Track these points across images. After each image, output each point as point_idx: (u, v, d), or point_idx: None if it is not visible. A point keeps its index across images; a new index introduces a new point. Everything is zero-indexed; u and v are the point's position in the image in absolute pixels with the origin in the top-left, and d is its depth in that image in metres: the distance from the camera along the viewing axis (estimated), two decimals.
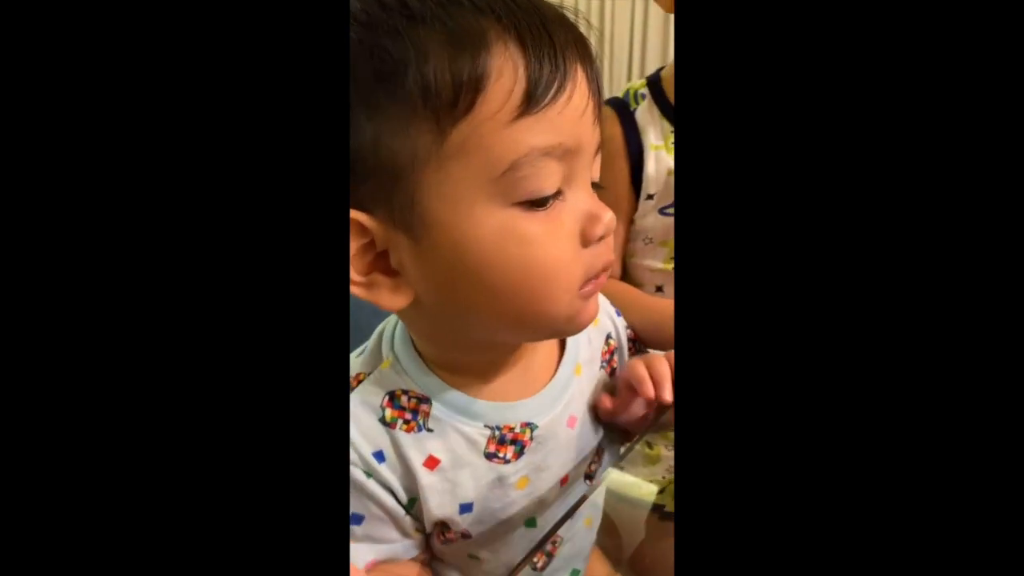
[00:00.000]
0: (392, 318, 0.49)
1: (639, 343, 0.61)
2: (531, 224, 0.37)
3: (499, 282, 0.38)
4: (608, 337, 0.57)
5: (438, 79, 0.34)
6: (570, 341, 0.52)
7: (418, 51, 0.34)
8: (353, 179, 0.35)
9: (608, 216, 0.40)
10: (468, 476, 0.46)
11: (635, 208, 0.82)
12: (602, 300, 0.57)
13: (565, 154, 0.37)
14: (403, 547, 0.47)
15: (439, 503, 0.45)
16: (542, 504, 0.50)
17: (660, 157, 0.79)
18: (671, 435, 0.86)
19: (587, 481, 0.53)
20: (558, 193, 0.38)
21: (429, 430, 0.44)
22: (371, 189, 0.37)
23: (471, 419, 0.45)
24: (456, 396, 0.45)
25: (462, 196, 0.36)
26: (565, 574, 0.55)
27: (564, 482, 0.51)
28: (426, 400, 0.44)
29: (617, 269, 0.87)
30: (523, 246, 0.37)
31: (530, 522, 0.50)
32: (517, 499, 0.49)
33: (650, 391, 0.50)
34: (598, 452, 0.54)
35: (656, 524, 0.81)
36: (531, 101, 0.35)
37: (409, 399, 0.44)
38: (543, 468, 0.49)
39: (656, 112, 0.80)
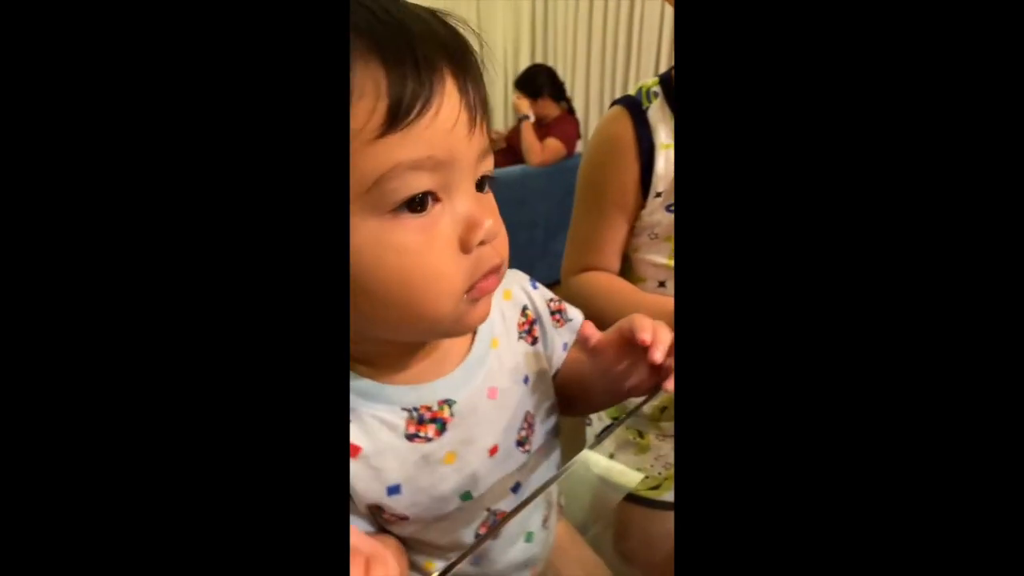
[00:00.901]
0: None
1: (564, 312, 0.63)
2: (407, 233, 0.40)
3: (379, 290, 0.41)
4: (524, 308, 0.59)
5: None
6: None
7: None
8: None
9: (489, 222, 0.42)
10: (392, 459, 0.48)
11: (642, 205, 0.83)
12: (512, 273, 0.61)
13: (437, 166, 0.39)
14: (360, 526, 0.50)
15: (366, 488, 0.48)
16: (474, 477, 0.53)
17: (670, 156, 0.80)
18: (663, 425, 0.87)
19: (519, 448, 0.56)
20: (435, 201, 0.41)
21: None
22: None
23: (386, 404, 0.48)
24: (367, 385, 0.48)
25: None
26: (520, 539, 0.58)
27: (493, 452, 0.54)
28: None
29: (616, 264, 0.87)
30: (400, 255, 0.40)
31: (465, 495, 0.53)
32: (447, 474, 0.51)
33: (646, 338, 0.49)
34: (526, 420, 0.56)
35: (632, 511, 0.82)
36: (394, 119, 0.37)
37: None
38: (469, 441, 0.52)
39: (667, 111, 0.81)
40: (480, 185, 0.44)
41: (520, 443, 0.56)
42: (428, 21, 0.40)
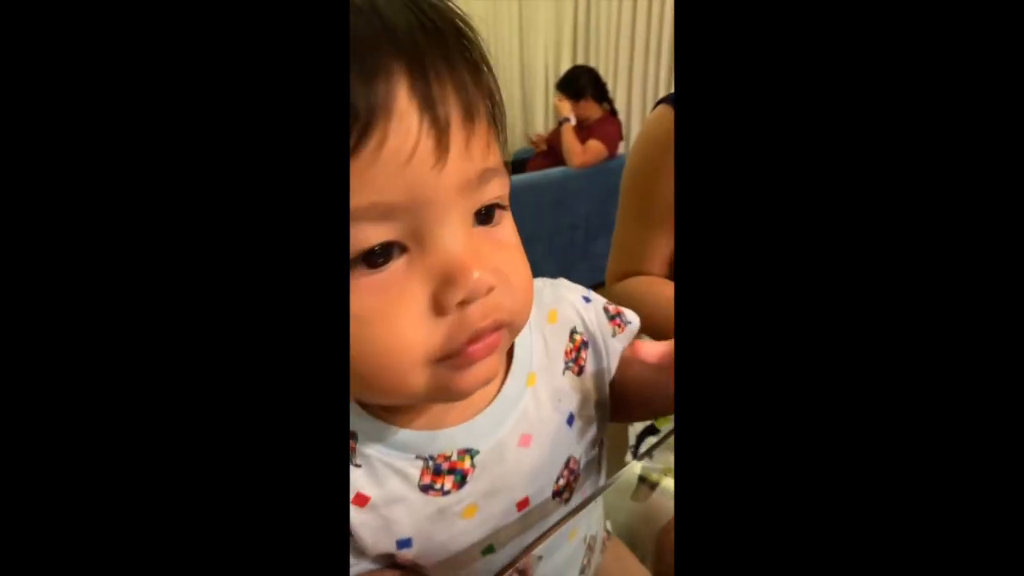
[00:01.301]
0: None
1: (622, 316, 0.54)
2: (359, 299, 0.31)
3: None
4: (573, 331, 0.50)
5: None
6: (518, 349, 0.47)
7: None
8: None
9: (475, 275, 0.32)
10: (403, 512, 0.43)
11: None
12: (561, 285, 0.52)
13: (388, 212, 0.31)
14: (364, 567, 0.45)
15: (374, 541, 0.43)
16: (498, 531, 0.47)
17: None
18: None
19: (557, 498, 0.49)
20: (402, 252, 0.32)
21: (356, 465, 0.42)
22: None
23: (400, 451, 0.43)
24: (381, 428, 0.42)
25: None
26: None
27: (523, 506, 0.48)
28: (353, 436, 0.42)
29: (664, 271, 0.81)
30: (355, 326, 0.31)
31: (487, 549, 0.47)
32: (467, 529, 0.46)
33: None
34: (568, 466, 0.50)
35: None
36: None
37: None
38: (493, 494, 0.46)
39: None
40: (485, 216, 0.35)
41: (558, 493, 0.49)
42: (390, 12, 0.30)
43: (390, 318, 0.32)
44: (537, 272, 0.43)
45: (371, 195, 0.30)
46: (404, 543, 0.44)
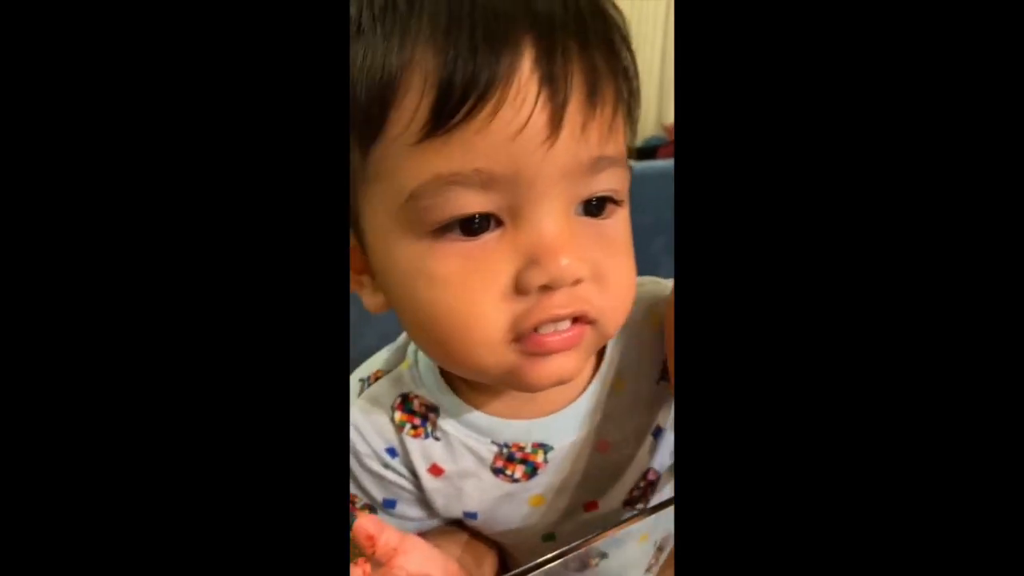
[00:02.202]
0: None
1: None
2: (445, 262, 0.32)
3: (413, 323, 0.36)
4: None
5: (358, 83, 0.31)
6: (610, 351, 0.45)
7: (354, 48, 0.31)
8: None
9: (560, 263, 0.32)
10: (473, 487, 0.45)
11: None
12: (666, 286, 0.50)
13: (490, 182, 0.31)
14: (432, 523, 0.48)
15: (445, 505, 0.46)
16: (562, 523, 0.48)
17: None
18: None
19: (627, 507, 0.49)
20: (497, 225, 0.32)
21: (436, 439, 0.44)
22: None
23: (478, 433, 0.44)
24: (464, 409, 0.44)
25: (381, 224, 0.34)
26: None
27: (591, 507, 0.48)
28: (435, 409, 0.44)
29: None
30: (432, 288, 0.33)
31: (548, 536, 0.49)
32: (531, 514, 0.47)
33: None
34: (646, 477, 0.49)
35: None
36: (436, 119, 0.29)
37: (420, 404, 0.45)
38: (562, 490, 0.47)
39: None
40: (595, 208, 0.34)
41: (630, 502, 0.49)
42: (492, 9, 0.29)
43: (472, 287, 0.33)
44: (657, 265, 0.41)
45: (476, 161, 0.30)
46: (471, 515, 0.47)
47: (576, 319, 0.34)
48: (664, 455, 0.49)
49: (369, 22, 0.31)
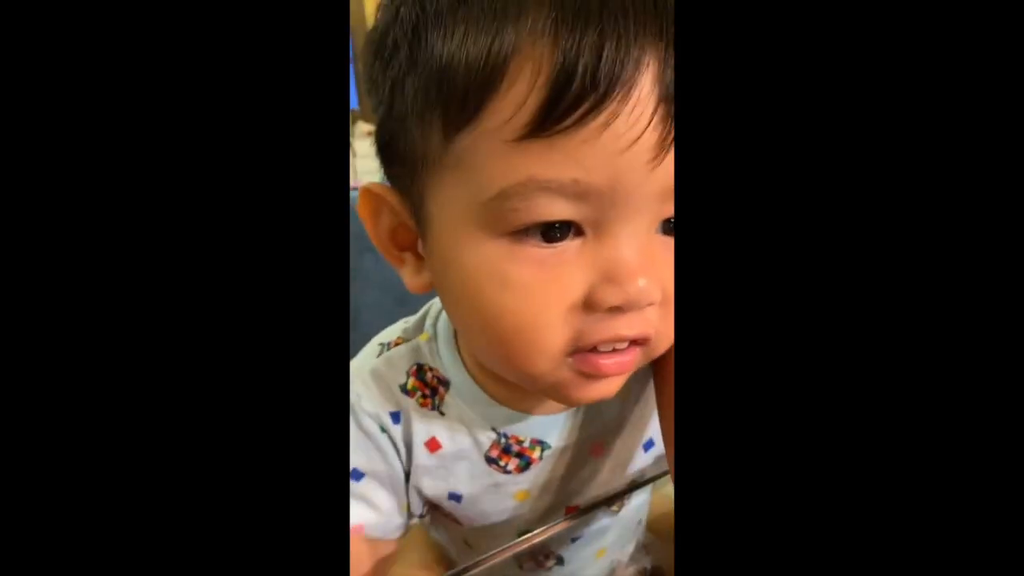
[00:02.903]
0: None
1: None
2: (521, 267, 0.31)
3: (474, 321, 0.35)
4: None
5: (453, 62, 0.28)
6: None
7: (447, 34, 0.28)
8: (388, 154, 0.34)
9: (636, 286, 0.31)
10: (464, 470, 0.46)
11: None
12: None
13: (585, 194, 0.29)
14: (388, 519, 0.46)
15: (431, 484, 0.46)
16: (541, 521, 0.49)
17: None
18: None
19: (607, 508, 0.51)
20: (577, 235, 0.31)
21: (441, 413, 0.45)
22: (398, 172, 0.35)
23: (481, 419, 0.45)
24: (474, 391, 0.44)
25: (454, 214, 0.32)
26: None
27: (571, 511, 0.49)
28: (446, 383, 0.45)
29: None
30: (502, 291, 0.32)
31: (523, 533, 0.49)
32: (514, 508, 0.48)
33: None
34: (631, 489, 0.50)
35: None
36: (543, 121, 0.27)
37: (432, 377, 0.45)
38: (548, 489, 0.48)
39: None
40: (672, 227, 0.33)
41: (609, 503, 0.50)
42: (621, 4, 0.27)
43: (544, 296, 0.31)
44: None
45: (576, 171, 0.28)
46: (455, 496, 0.47)
47: (634, 341, 0.34)
48: (649, 466, 0.50)
49: None
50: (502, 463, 0.46)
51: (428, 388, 0.45)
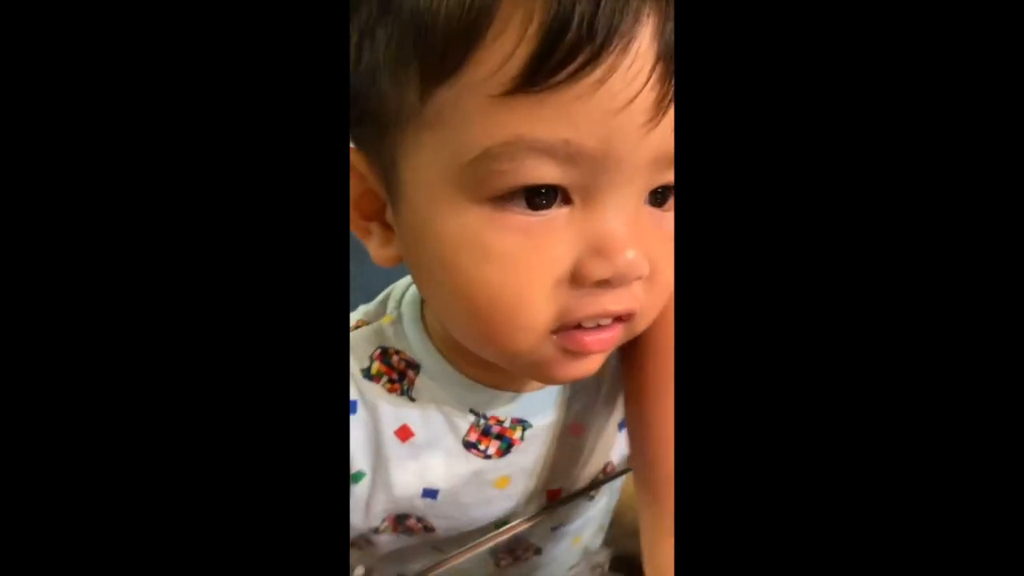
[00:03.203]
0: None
1: None
2: (504, 236, 0.29)
3: (451, 296, 0.32)
4: None
5: (432, 6, 0.26)
6: None
7: None
8: (354, 112, 0.30)
9: (630, 254, 0.29)
10: (440, 459, 0.42)
11: None
12: None
13: (575, 156, 0.27)
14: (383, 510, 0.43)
15: (403, 480, 0.42)
16: (521, 510, 0.46)
17: None
18: None
19: (584, 494, 0.48)
20: (564, 202, 0.29)
21: (411, 398, 0.41)
22: (365, 132, 0.31)
23: (457, 401, 0.41)
24: (448, 372, 0.41)
25: (431, 177, 0.29)
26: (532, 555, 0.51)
27: (554, 496, 0.46)
28: (416, 366, 0.41)
29: None
30: (483, 262, 0.29)
31: (501, 523, 0.46)
32: (493, 498, 0.44)
33: None
34: (605, 470, 0.48)
35: None
36: (533, 73, 0.25)
37: (399, 360, 0.41)
38: (530, 473, 0.45)
39: None
40: (660, 198, 0.31)
41: (590, 489, 0.48)
42: None
43: (528, 269, 0.29)
44: None
45: (567, 131, 0.26)
46: (430, 493, 0.43)
47: (619, 317, 0.32)
48: (623, 449, 0.48)
49: None
50: (482, 447, 0.42)
51: (395, 372, 0.41)
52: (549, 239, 0.29)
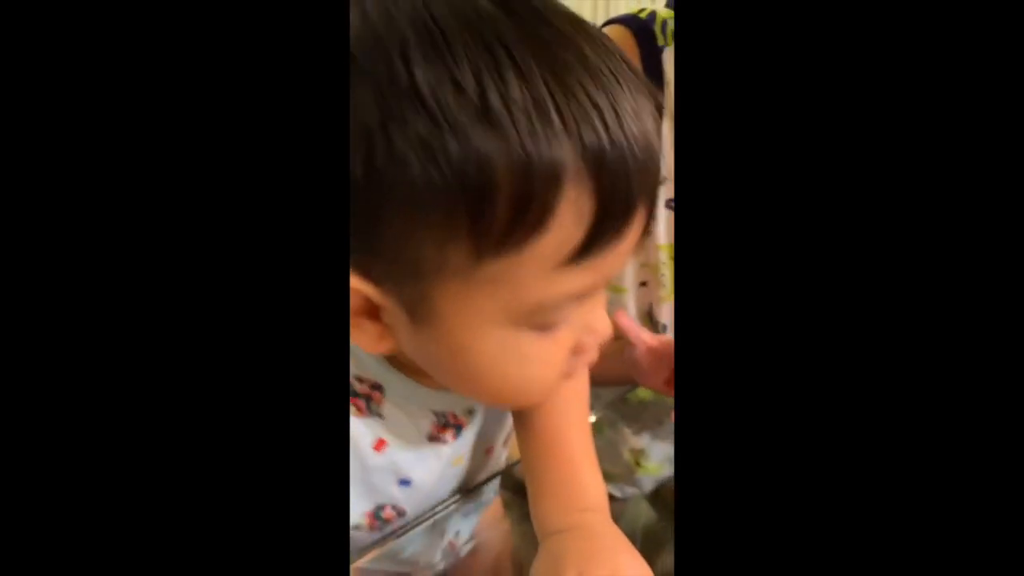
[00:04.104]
0: None
1: None
2: (533, 344, 0.35)
3: (487, 388, 0.39)
4: None
5: (496, 209, 0.28)
6: None
7: (482, 164, 0.27)
8: (369, 252, 0.31)
9: (605, 330, 0.38)
10: (411, 456, 0.48)
11: None
12: None
13: (594, 288, 0.35)
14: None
15: (382, 480, 0.48)
16: (470, 475, 0.55)
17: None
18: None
19: (504, 447, 0.58)
20: None
21: (380, 416, 0.46)
22: (386, 269, 0.33)
23: (419, 407, 0.47)
24: (408, 385, 0.46)
25: (478, 315, 0.33)
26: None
27: (489, 452, 0.56)
28: (379, 387, 0.45)
29: None
30: (522, 365, 0.36)
31: (454, 492, 0.55)
32: (452, 474, 0.53)
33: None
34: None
35: None
36: (584, 254, 0.31)
37: (362, 384, 0.45)
38: (476, 445, 0.53)
39: None
40: None
41: (505, 442, 0.58)
42: (647, 148, 0.31)
43: (549, 358, 0.37)
44: None
45: (597, 278, 0.33)
46: (405, 482, 0.49)
47: None
48: None
49: (502, 108, 0.27)
50: (442, 437, 0.49)
51: (361, 399, 0.46)
52: (561, 338, 0.37)
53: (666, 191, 0.65)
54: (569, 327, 0.36)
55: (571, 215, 0.29)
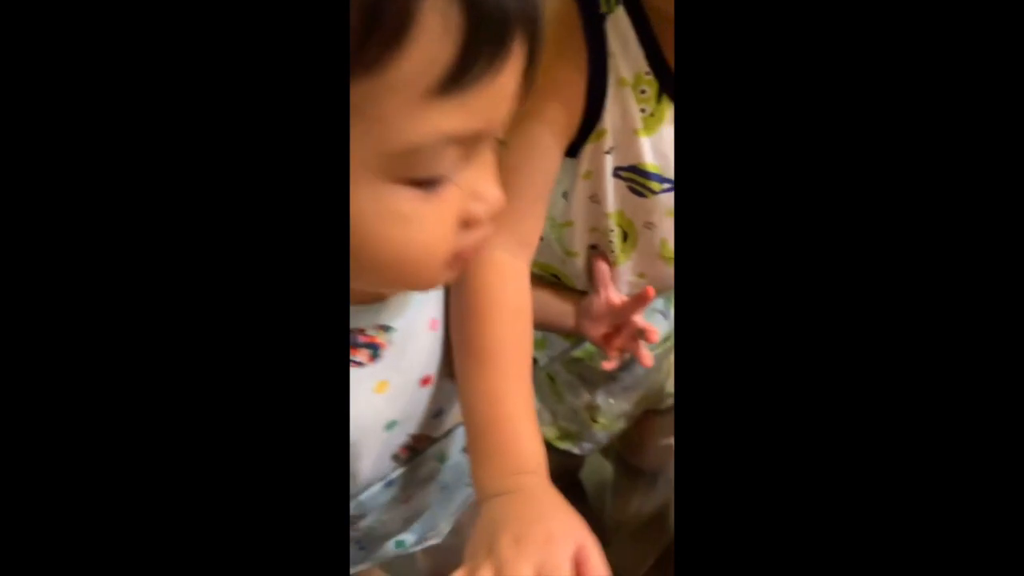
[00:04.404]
0: None
1: None
2: (413, 203, 0.33)
3: (370, 258, 0.36)
4: None
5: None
6: None
7: None
8: None
9: (495, 199, 0.36)
10: None
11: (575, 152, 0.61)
12: None
13: (473, 138, 0.32)
14: None
15: None
16: (402, 406, 0.54)
17: (627, 102, 0.55)
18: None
19: (451, 379, 0.56)
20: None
21: None
22: None
23: None
24: None
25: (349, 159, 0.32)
26: (434, 462, 0.60)
27: (425, 383, 0.54)
28: None
29: (539, 228, 0.67)
30: (402, 226, 0.34)
31: (389, 425, 0.53)
32: (375, 403, 0.51)
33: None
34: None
35: None
36: (458, 79, 0.28)
37: None
38: (403, 371, 0.52)
39: (631, 32, 0.53)
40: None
41: (451, 374, 0.56)
42: None
43: (431, 222, 0.35)
44: None
45: (474, 121, 0.31)
46: None
47: None
48: None
49: None
50: (355, 358, 0.49)
51: None
52: (445, 200, 0.35)
53: (613, 158, 0.65)
54: (454, 190, 0.35)
55: (435, 29, 0.27)
